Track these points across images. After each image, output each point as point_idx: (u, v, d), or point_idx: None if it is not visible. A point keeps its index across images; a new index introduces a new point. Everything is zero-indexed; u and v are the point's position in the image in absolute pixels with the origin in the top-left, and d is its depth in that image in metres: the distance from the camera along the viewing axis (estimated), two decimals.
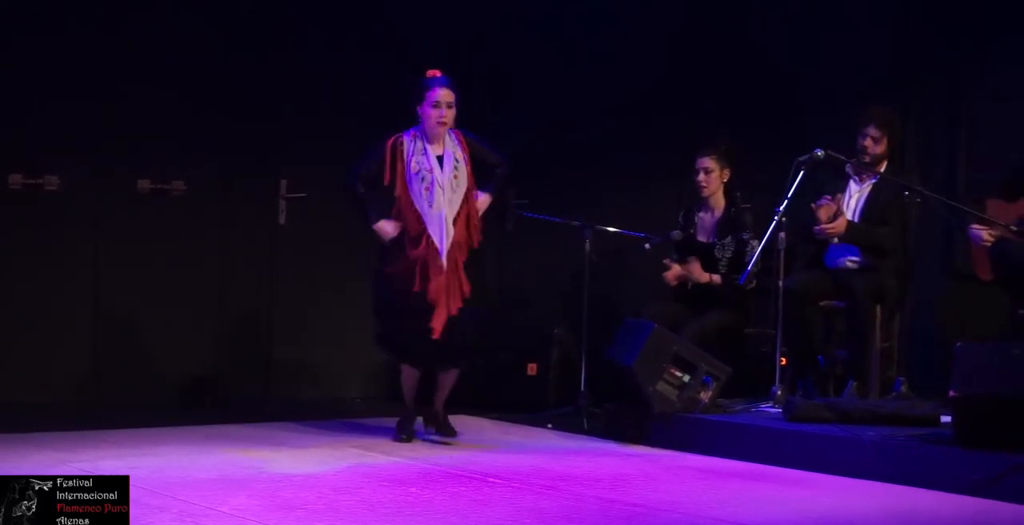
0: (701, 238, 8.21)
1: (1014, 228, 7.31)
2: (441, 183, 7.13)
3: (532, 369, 8.74)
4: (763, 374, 7.74)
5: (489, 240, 9.58)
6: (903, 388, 7.54)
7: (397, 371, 7.38)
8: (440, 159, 7.18)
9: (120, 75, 8.61)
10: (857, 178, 7.80)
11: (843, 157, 7.61)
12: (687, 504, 5.53)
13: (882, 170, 7.67)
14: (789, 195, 7.36)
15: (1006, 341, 7.05)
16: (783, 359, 7.64)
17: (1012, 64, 8.47)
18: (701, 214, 8.26)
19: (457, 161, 7.21)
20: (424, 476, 6.13)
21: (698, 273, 8.06)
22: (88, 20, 8.56)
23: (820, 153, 7.39)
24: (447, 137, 7.23)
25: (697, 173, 8.14)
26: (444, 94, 7.15)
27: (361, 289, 9.32)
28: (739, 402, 7.62)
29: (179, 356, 8.83)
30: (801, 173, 7.37)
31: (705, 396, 7.37)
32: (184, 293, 8.87)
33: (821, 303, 7.72)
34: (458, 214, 7.19)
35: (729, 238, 8.09)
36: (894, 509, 5.72)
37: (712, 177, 8.12)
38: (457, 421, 7.42)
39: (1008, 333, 7.42)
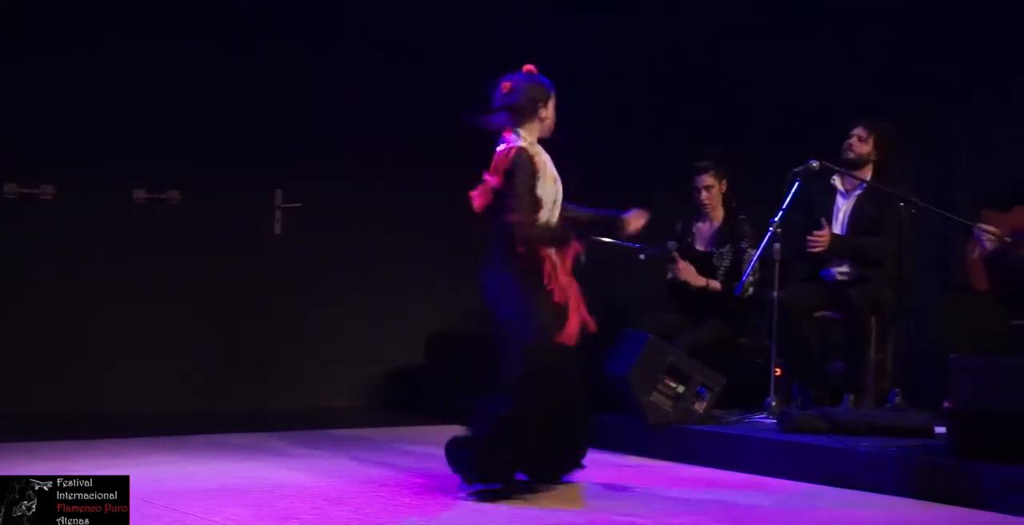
0: (699, 247, 8.22)
1: (1008, 239, 7.32)
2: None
3: None
4: (758, 385, 7.73)
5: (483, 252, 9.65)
6: (898, 399, 7.55)
7: (390, 382, 7.34)
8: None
9: (115, 85, 8.63)
10: (844, 192, 7.81)
11: (837, 167, 7.63)
12: (682, 515, 5.52)
13: (867, 177, 7.67)
14: (784, 206, 7.37)
15: (1001, 353, 7.09)
16: (778, 370, 7.64)
17: (1008, 78, 8.52)
18: (699, 224, 8.28)
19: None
20: (419, 486, 6.13)
21: (694, 277, 8.06)
22: (84, 31, 8.57)
23: (815, 164, 7.41)
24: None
25: (699, 192, 8.16)
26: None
27: (356, 300, 9.38)
28: (734, 413, 7.62)
29: (175, 366, 8.82)
30: (797, 184, 7.39)
31: (700, 407, 7.36)
32: (179, 302, 8.86)
33: (816, 314, 7.72)
34: None
35: (727, 247, 8.10)
36: (886, 519, 5.74)
37: (713, 192, 8.16)
38: (449, 432, 7.40)
39: (1003, 345, 7.44)
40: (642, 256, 8.17)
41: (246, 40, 9.02)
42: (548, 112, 5.97)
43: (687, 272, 8.08)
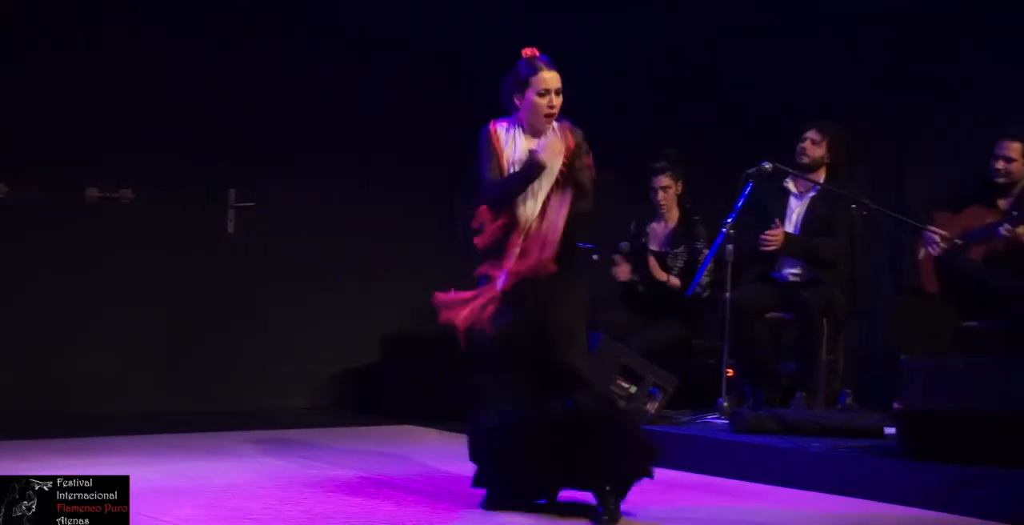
0: (653, 247, 8.25)
1: (959, 241, 7.37)
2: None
3: None
4: (710, 385, 7.76)
5: (439, 251, 9.66)
6: (848, 400, 7.61)
7: (343, 381, 7.32)
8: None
9: (67, 82, 8.56)
10: (798, 194, 7.84)
11: (790, 170, 7.67)
12: (630, 515, 5.53)
13: (821, 179, 7.71)
14: (737, 207, 7.40)
15: (951, 354, 7.14)
16: (730, 371, 7.68)
17: (960, 83, 8.58)
18: (654, 224, 8.31)
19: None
20: (370, 487, 6.12)
21: (656, 270, 8.08)
22: (35, 26, 8.50)
23: (768, 166, 7.46)
24: (549, 130, 5.70)
25: (655, 192, 8.20)
26: (552, 78, 5.60)
27: (313, 299, 9.35)
28: (686, 413, 7.64)
29: (126, 365, 8.77)
30: (749, 185, 7.42)
31: (652, 407, 7.39)
32: (131, 302, 8.81)
33: (768, 315, 7.76)
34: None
35: (682, 248, 8.14)
36: (836, 519, 5.76)
37: (670, 193, 8.20)
38: (405, 432, 7.42)
39: (953, 346, 7.49)
40: (595, 257, 8.19)
41: (202, 37, 8.98)
42: (525, 100, 5.64)
43: (653, 268, 8.10)
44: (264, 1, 9.24)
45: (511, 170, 5.61)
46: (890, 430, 6.61)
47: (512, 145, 5.66)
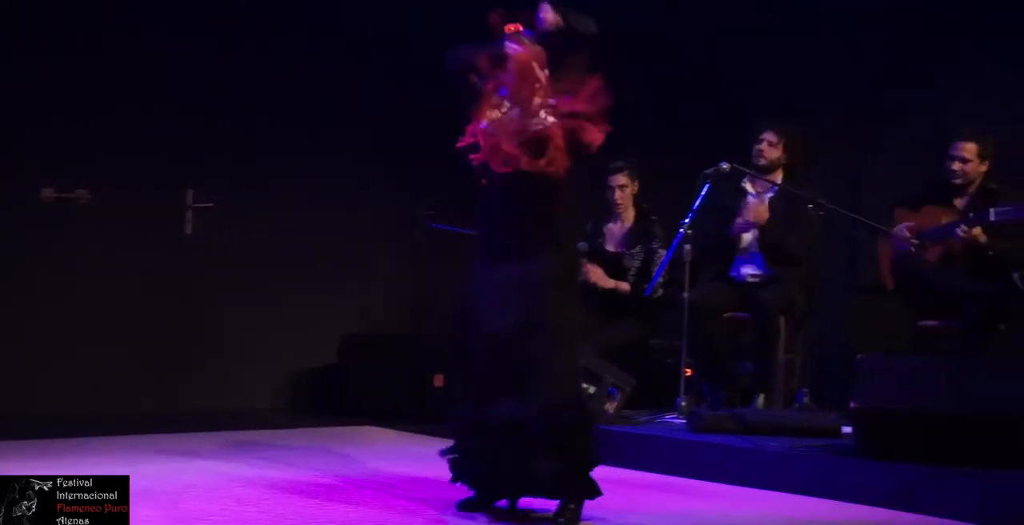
0: (610, 248, 8.27)
1: (915, 241, 7.41)
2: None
3: (439, 380, 8.73)
4: (668, 385, 7.78)
5: (397, 251, 9.66)
6: (806, 400, 7.65)
7: (303, 382, 7.29)
8: None
9: (22, 80, 8.50)
10: (756, 194, 7.88)
11: (748, 170, 7.70)
12: (587, 515, 5.54)
13: (778, 180, 7.75)
14: (695, 207, 7.42)
15: (907, 354, 7.19)
16: (688, 370, 7.70)
17: (918, 84, 8.64)
18: (610, 224, 8.32)
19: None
20: (330, 488, 6.11)
21: (602, 279, 8.11)
22: None
23: (725, 166, 7.49)
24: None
25: (612, 191, 8.22)
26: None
27: (271, 300, 9.33)
28: (644, 413, 7.66)
29: (83, 367, 8.72)
30: (707, 185, 7.45)
31: (610, 407, 7.40)
32: (88, 303, 8.77)
33: (726, 315, 7.79)
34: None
35: (638, 248, 8.17)
36: (793, 518, 5.79)
37: (626, 192, 8.21)
38: (364, 432, 7.41)
39: (910, 346, 7.54)
40: None
41: (157, 36, 8.95)
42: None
43: (595, 274, 8.12)
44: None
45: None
46: (847, 429, 6.64)
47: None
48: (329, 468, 6.70)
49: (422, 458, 7.19)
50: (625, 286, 8.12)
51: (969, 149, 7.39)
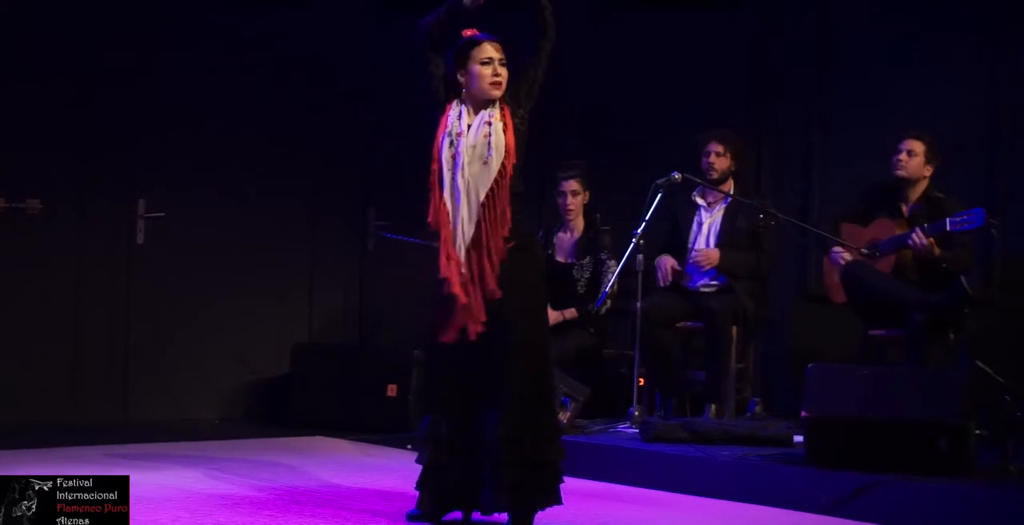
0: (560, 258, 8.26)
1: (864, 251, 7.45)
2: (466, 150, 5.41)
3: (392, 390, 8.72)
4: (621, 395, 7.80)
5: (348, 261, 9.64)
6: (758, 408, 7.68)
7: (253, 392, 7.27)
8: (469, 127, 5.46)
9: None
10: (707, 205, 7.92)
11: (699, 180, 7.73)
12: (538, 523, 5.55)
13: (730, 190, 7.79)
14: (647, 217, 7.44)
15: (856, 362, 7.23)
16: (641, 380, 7.72)
17: (861, 92, 8.69)
18: (560, 234, 8.32)
19: (490, 125, 5.44)
20: (281, 499, 6.09)
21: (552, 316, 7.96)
22: None
23: (677, 176, 7.49)
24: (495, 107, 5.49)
25: (563, 196, 8.20)
26: (494, 48, 5.45)
27: (220, 310, 9.30)
28: (597, 423, 7.67)
29: (33, 377, 8.68)
30: (659, 195, 7.47)
31: (564, 417, 7.39)
32: (39, 313, 8.73)
33: (678, 324, 7.82)
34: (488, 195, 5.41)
35: (588, 259, 8.16)
36: None
37: (578, 200, 8.20)
38: (316, 443, 7.39)
39: (860, 354, 7.58)
40: None
41: (113, 46, 8.90)
42: (469, 74, 5.44)
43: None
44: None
45: (444, 141, 5.40)
46: (799, 438, 6.67)
47: (456, 122, 5.45)
48: (281, 479, 6.69)
49: (375, 469, 7.19)
50: (571, 313, 8.09)
51: (918, 145, 7.42)
